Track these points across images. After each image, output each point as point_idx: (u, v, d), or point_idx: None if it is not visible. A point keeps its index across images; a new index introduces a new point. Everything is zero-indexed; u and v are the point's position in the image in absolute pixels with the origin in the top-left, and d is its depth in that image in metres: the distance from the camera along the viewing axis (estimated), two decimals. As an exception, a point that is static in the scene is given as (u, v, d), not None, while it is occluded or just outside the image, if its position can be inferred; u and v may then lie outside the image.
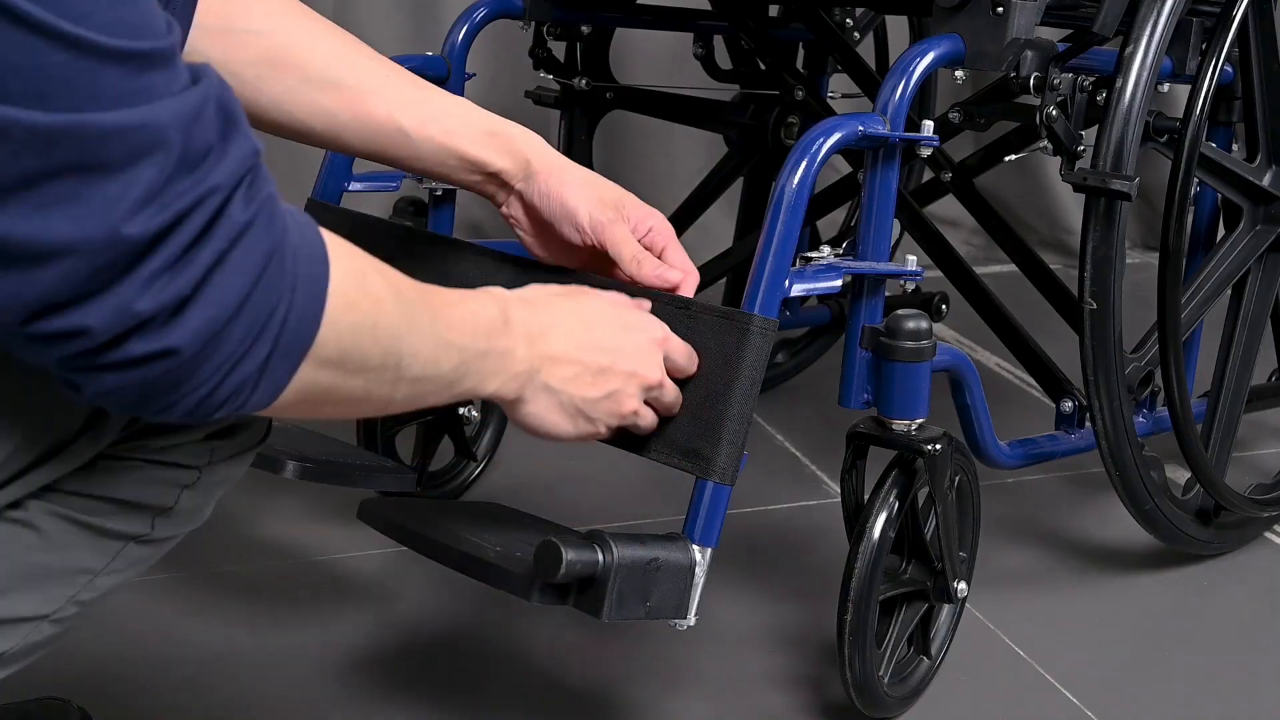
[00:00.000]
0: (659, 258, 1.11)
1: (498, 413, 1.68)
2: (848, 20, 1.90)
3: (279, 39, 1.02)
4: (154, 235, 0.65)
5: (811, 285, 1.12)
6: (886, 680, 1.24)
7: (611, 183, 1.13)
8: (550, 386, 0.96)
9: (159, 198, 0.65)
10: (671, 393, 1.05)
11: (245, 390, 0.72)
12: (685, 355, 1.06)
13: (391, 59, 1.53)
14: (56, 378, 0.70)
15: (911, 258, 1.21)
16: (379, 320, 0.78)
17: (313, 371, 0.75)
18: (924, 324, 1.16)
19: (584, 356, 0.97)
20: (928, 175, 1.83)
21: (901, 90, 1.18)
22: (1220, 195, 1.52)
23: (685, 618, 1.07)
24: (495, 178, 1.09)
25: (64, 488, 0.84)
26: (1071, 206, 2.79)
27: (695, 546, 1.07)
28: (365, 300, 0.77)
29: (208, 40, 0.98)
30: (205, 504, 0.92)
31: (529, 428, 0.98)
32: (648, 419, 1.04)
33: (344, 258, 0.76)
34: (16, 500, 0.81)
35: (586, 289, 1.03)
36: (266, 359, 0.71)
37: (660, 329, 1.04)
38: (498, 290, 0.95)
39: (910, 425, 1.18)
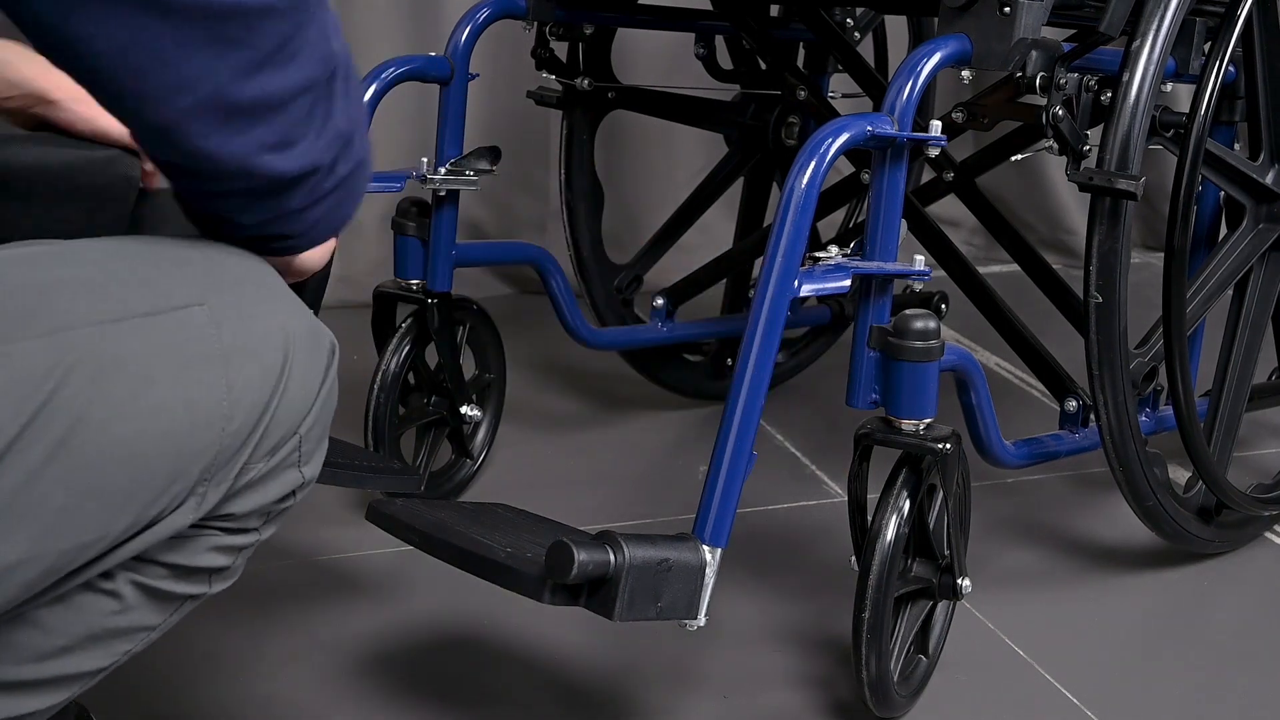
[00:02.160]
0: None
1: (491, 412, 1.68)
2: (848, 20, 1.91)
3: None
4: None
5: (820, 285, 1.12)
6: (895, 679, 1.24)
7: None
8: None
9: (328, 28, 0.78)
10: None
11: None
12: None
13: (395, 60, 1.55)
14: (272, 236, 0.82)
15: (919, 257, 1.21)
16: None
17: None
18: (932, 324, 1.16)
19: None
20: (929, 175, 1.83)
21: (909, 90, 1.18)
22: (1222, 195, 1.53)
23: (696, 618, 1.07)
24: None
25: (148, 557, 0.84)
26: (1072, 206, 2.80)
27: (705, 547, 1.07)
28: None
29: None
30: (245, 562, 0.92)
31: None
32: None
33: None
34: (108, 570, 0.82)
35: None
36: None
37: None
38: None
39: (919, 425, 1.18)
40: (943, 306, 1.89)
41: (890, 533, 1.17)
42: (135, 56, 0.71)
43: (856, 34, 1.93)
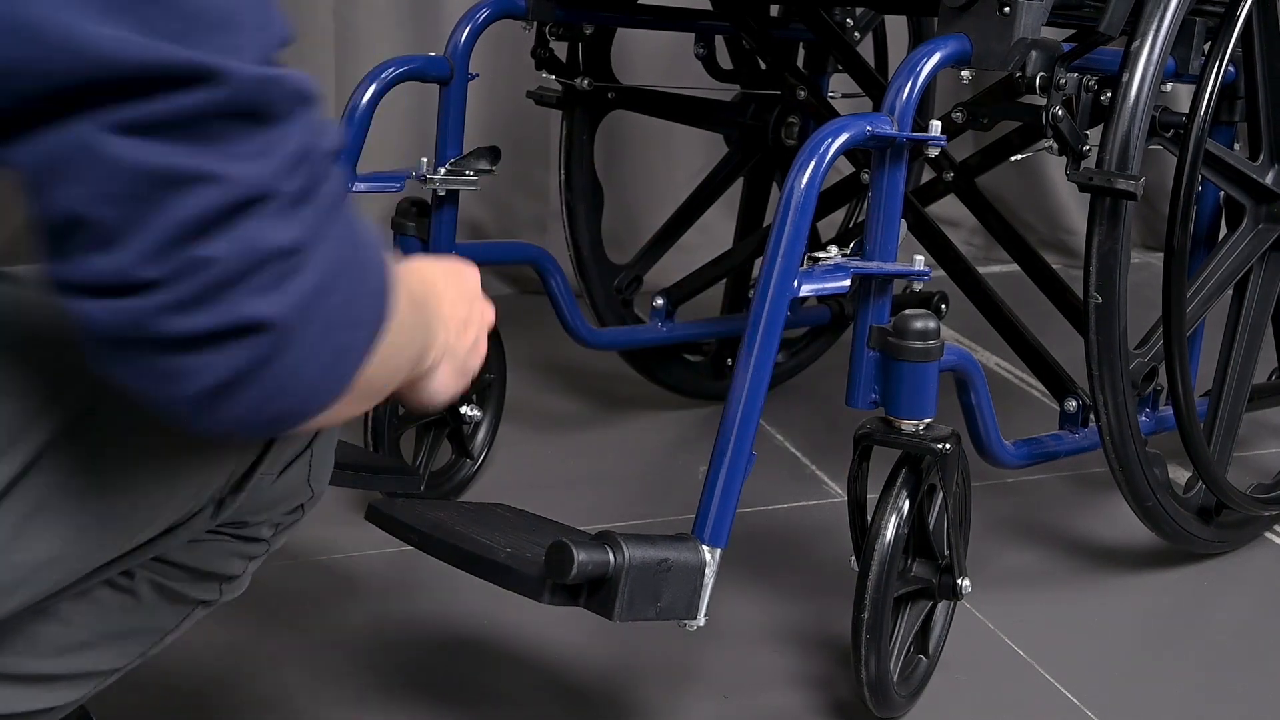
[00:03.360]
0: None
1: (491, 412, 1.68)
2: (848, 20, 1.91)
3: None
4: (294, 190, 0.64)
5: (820, 285, 1.12)
6: (894, 679, 1.24)
7: None
8: (452, 355, 0.88)
9: (304, 160, 0.65)
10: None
11: (347, 368, 0.68)
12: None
13: (395, 60, 1.55)
14: (163, 407, 0.66)
15: (919, 257, 1.21)
16: (405, 303, 0.75)
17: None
18: (932, 324, 1.16)
19: (458, 311, 0.89)
20: (929, 175, 1.83)
21: (909, 90, 1.18)
22: (1222, 195, 1.53)
23: (695, 618, 1.07)
24: None
25: (166, 558, 0.87)
26: (1072, 206, 2.80)
27: (705, 547, 1.07)
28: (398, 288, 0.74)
29: None
30: (252, 571, 0.95)
31: (425, 402, 0.88)
32: None
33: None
34: (128, 568, 0.85)
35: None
36: (367, 337, 0.69)
37: (472, 270, 0.94)
38: None
39: (919, 425, 1.18)
40: (942, 306, 1.89)
41: (889, 533, 1.17)
42: None
43: (856, 34, 1.93)
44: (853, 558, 1.23)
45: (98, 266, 0.61)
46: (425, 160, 1.57)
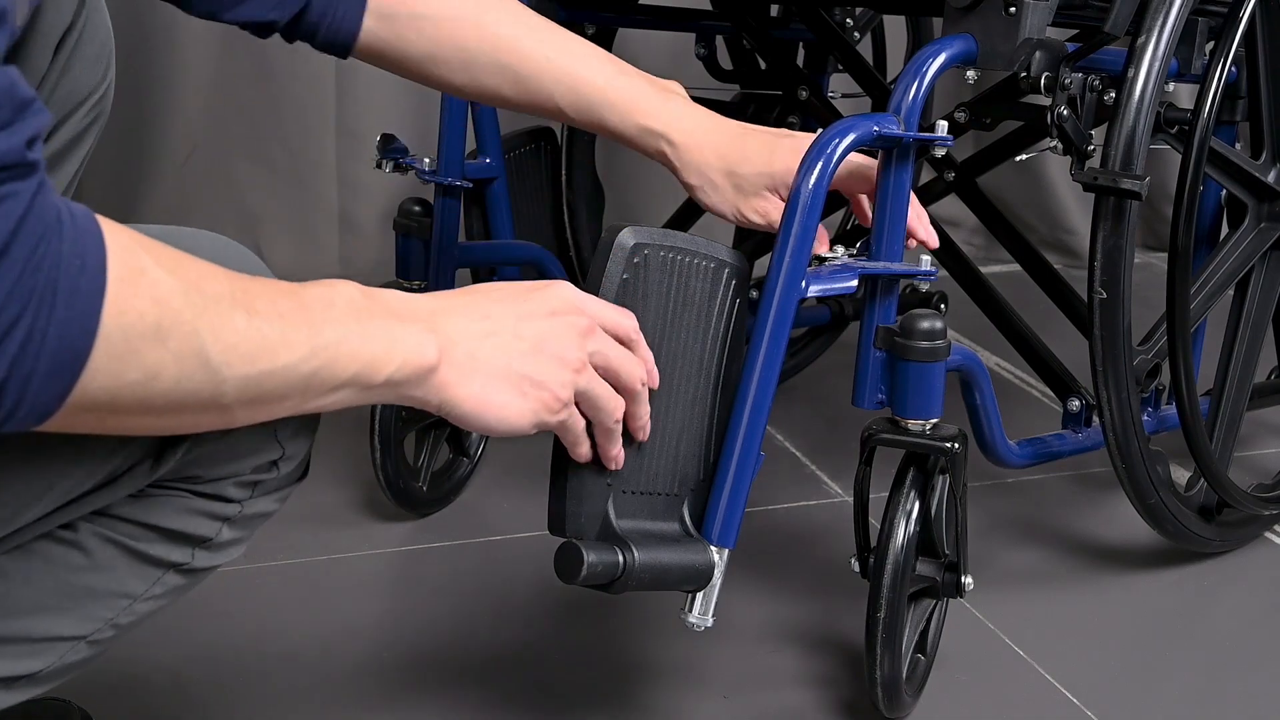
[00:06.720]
0: None
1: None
2: (848, 20, 1.91)
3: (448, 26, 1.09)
4: None
5: (828, 286, 1.12)
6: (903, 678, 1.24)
7: (747, 139, 1.16)
8: (475, 355, 0.80)
9: None
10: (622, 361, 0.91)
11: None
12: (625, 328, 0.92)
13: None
14: None
15: (926, 257, 1.21)
16: (161, 321, 0.67)
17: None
18: (939, 324, 1.16)
19: (500, 325, 0.82)
20: (929, 174, 1.83)
21: (915, 91, 1.18)
22: (1224, 194, 1.53)
23: (704, 618, 1.07)
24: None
25: (114, 512, 0.85)
26: (1072, 206, 2.80)
27: (713, 548, 1.07)
28: (142, 302, 0.66)
29: (380, 25, 1.06)
30: (243, 538, 0.93)
31: (476, 417, 0.81)
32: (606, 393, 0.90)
33: (120, 249, 0.65)
34: (69, 521, 0.83)
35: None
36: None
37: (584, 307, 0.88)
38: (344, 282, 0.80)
39: (925, 425, 1.18)
40: (941, 306, 1.89)
41: (902, 533, 1.17)
42: None
43: (856, 34, 1.93)
44: (853, 558, 1.23)
45: None
46: (427, 160, 1.56)
